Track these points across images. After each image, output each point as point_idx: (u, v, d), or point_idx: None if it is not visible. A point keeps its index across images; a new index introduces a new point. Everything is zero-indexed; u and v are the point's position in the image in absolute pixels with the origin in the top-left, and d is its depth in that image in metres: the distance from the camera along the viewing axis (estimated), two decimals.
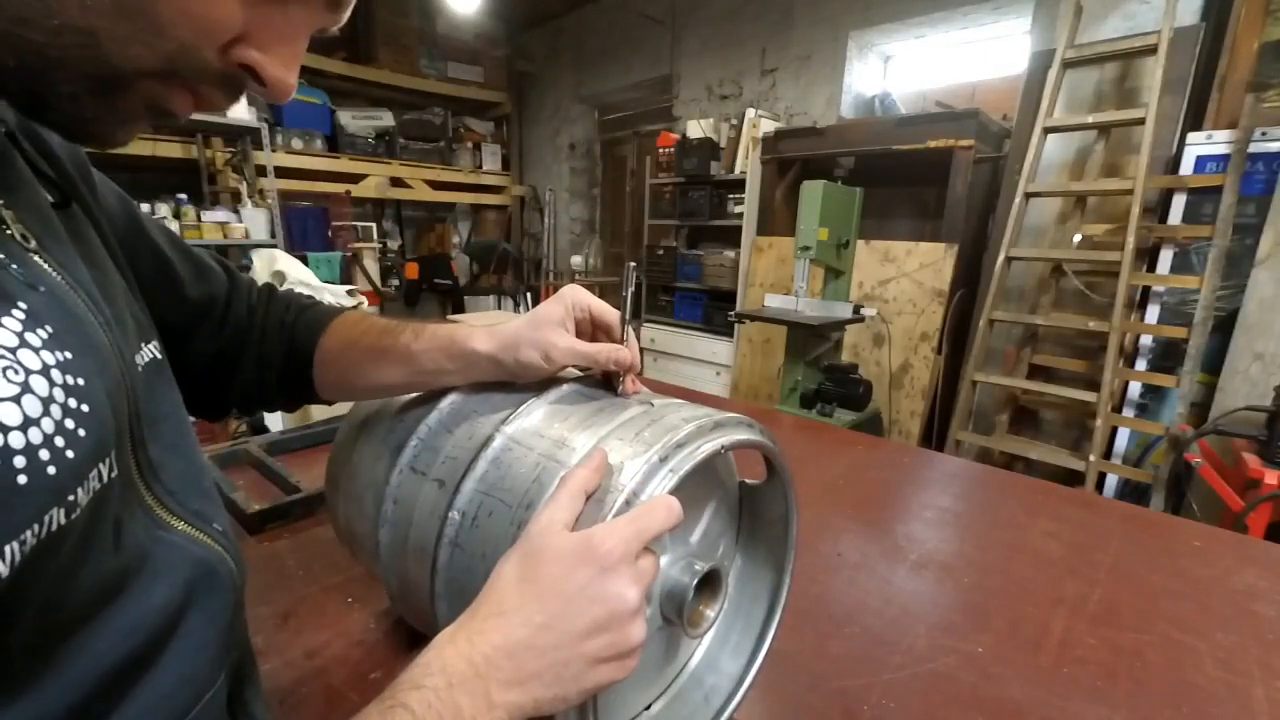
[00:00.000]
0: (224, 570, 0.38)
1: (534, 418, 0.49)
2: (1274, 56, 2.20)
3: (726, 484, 0.58)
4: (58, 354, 0.27)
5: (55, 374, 0.26)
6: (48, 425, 0.25)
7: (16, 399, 0.24)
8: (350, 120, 4.78)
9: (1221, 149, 2.21)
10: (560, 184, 5.72)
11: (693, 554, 0.51)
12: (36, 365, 0.26)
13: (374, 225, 4.89)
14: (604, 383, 0.55)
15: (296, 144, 4.42)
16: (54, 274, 0.31)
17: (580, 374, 0.57)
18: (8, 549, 0.23)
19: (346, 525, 0.62)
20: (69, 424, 0.26)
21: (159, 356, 0.40)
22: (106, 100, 0.30)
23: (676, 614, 0.48)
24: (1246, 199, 2.18)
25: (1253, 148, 2.14)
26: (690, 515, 0.53)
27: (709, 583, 0.50)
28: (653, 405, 0.49)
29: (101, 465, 0.28)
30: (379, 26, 4.84)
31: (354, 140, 4.79)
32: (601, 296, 0.56)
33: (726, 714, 0.56)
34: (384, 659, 0.64)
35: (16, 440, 0.24)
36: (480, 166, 5.67)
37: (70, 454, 0.26)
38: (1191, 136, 2.29)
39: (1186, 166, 2.30)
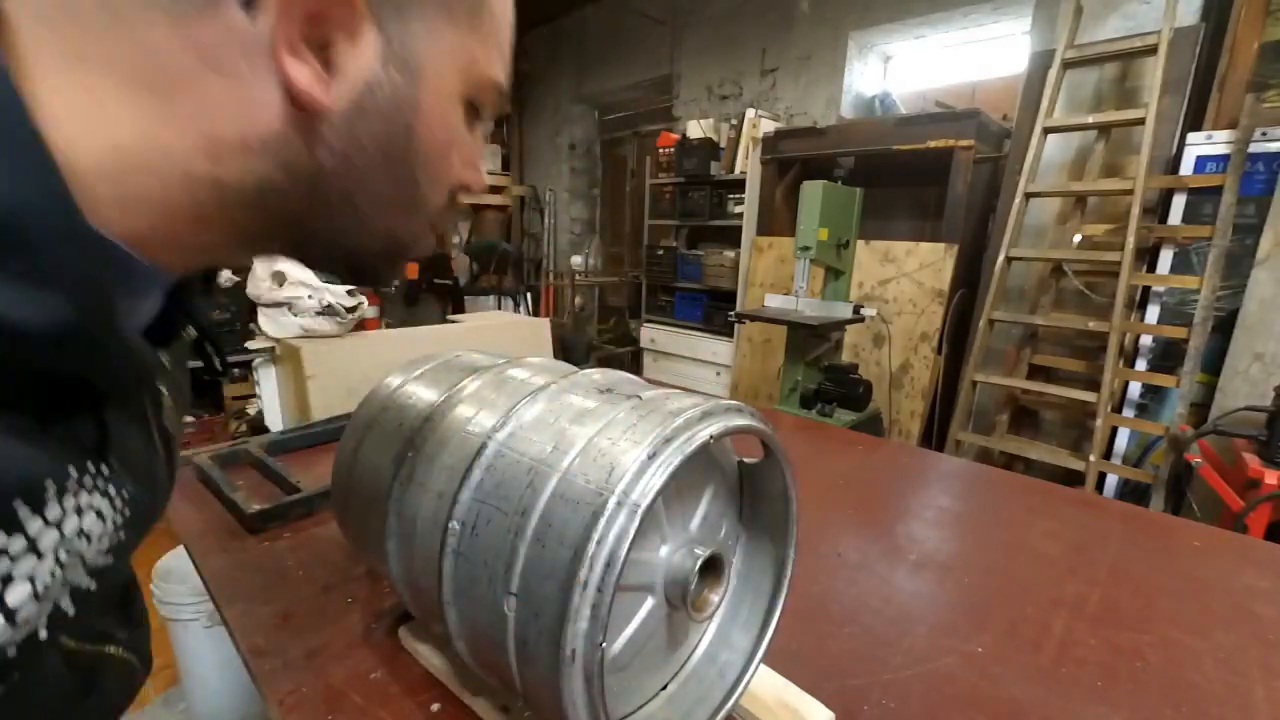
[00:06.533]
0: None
1: (524, 422, 0.50)
2: (1274, 56, 2.20)
3: (724, 466, 0.58)
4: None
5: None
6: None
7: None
8: None
9: (1221, 149, 2.21)
10: (560, 184, 5.72)
11: (694, 540, 0.52)
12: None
13: None
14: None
15: None
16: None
17: (574, 370, 0.58)
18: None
19: (357, 538, 0.64)
20: None
21: None
22: (393, 262, 0.43)
23: (681, 600, 0.49)
24: (1246, 199, 2.18)
25: (1253, 148, 2.14)
26: (689, 501, 0.54)
27: (712, 568, 0.51)
28: (641, 398, 0.49)
29: None
30: None
31: None
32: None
33: (741, 687, 0.57)
34: (384, 659, 0.64)
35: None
36: None
37: None
38: (1191, 136, 2.29)
39: (1186, 166, 2.30)
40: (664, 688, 0.57)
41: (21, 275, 0.23)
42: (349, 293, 1.54)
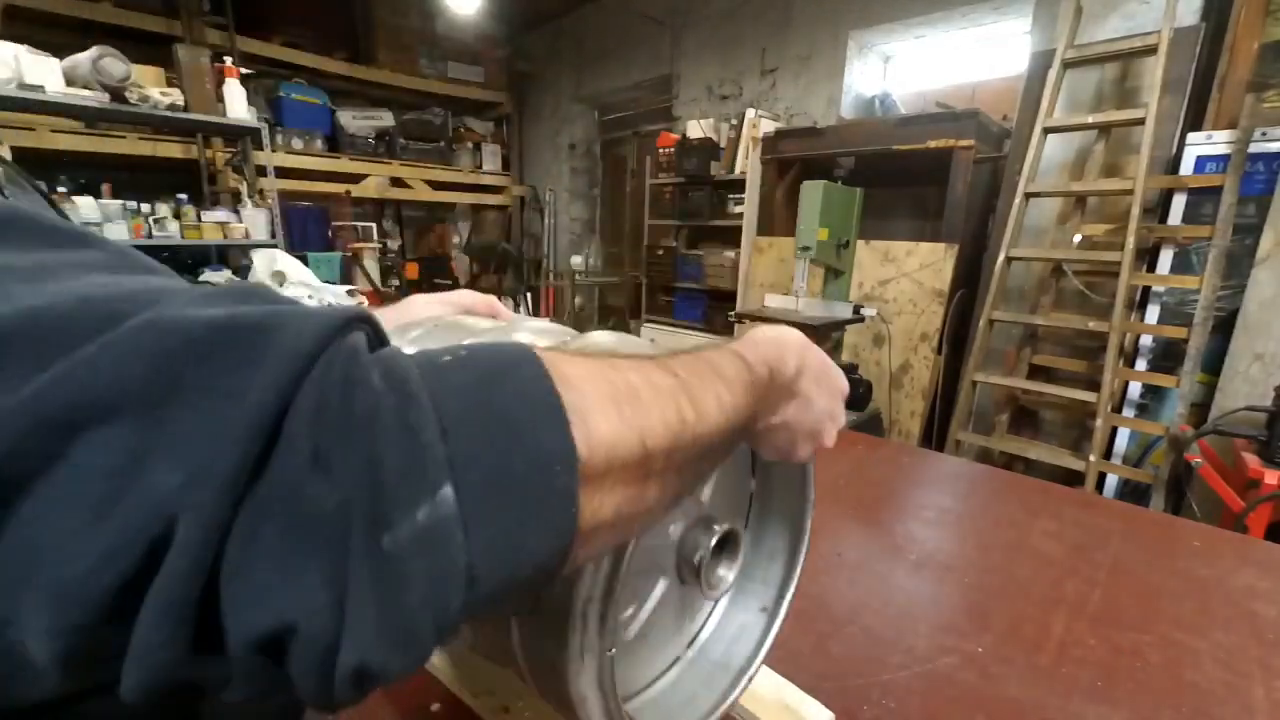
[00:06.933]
0: None
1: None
2: (1274, 56, 2.20)
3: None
4: None
5: None
6: None
7: None
8: (350, 120, 4.78)
9: (1221, 149, 2.21)
10: (560, 184, 5.72)
11: (707, 515, 0.51)
12: None
13: (374, 225, 4.89)
14: None
15: (297, 144, 4.42)
16: None
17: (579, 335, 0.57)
18: None
19: None
20: None
21: None
22: None
23: (694, 575, 0.48)
24: (1246, 199, 2.18)
25: (1253, 148, 2.14)
26: None
27: (726, 544, 0.50)
28: (653, 342, 0.50)
29: None
30: (379, 27, 4.84)
31: (354, 140, 4.79)
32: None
33: (748, 675, 0.56)
34: None
35: None
36: (480, 167, 5.67)
37: None
38: (1191, 136, 2.28)
39: (1186, 166, 2.30)
40: (670, 667, 0.56)
41: None
42: (349, 293, 1.54)
